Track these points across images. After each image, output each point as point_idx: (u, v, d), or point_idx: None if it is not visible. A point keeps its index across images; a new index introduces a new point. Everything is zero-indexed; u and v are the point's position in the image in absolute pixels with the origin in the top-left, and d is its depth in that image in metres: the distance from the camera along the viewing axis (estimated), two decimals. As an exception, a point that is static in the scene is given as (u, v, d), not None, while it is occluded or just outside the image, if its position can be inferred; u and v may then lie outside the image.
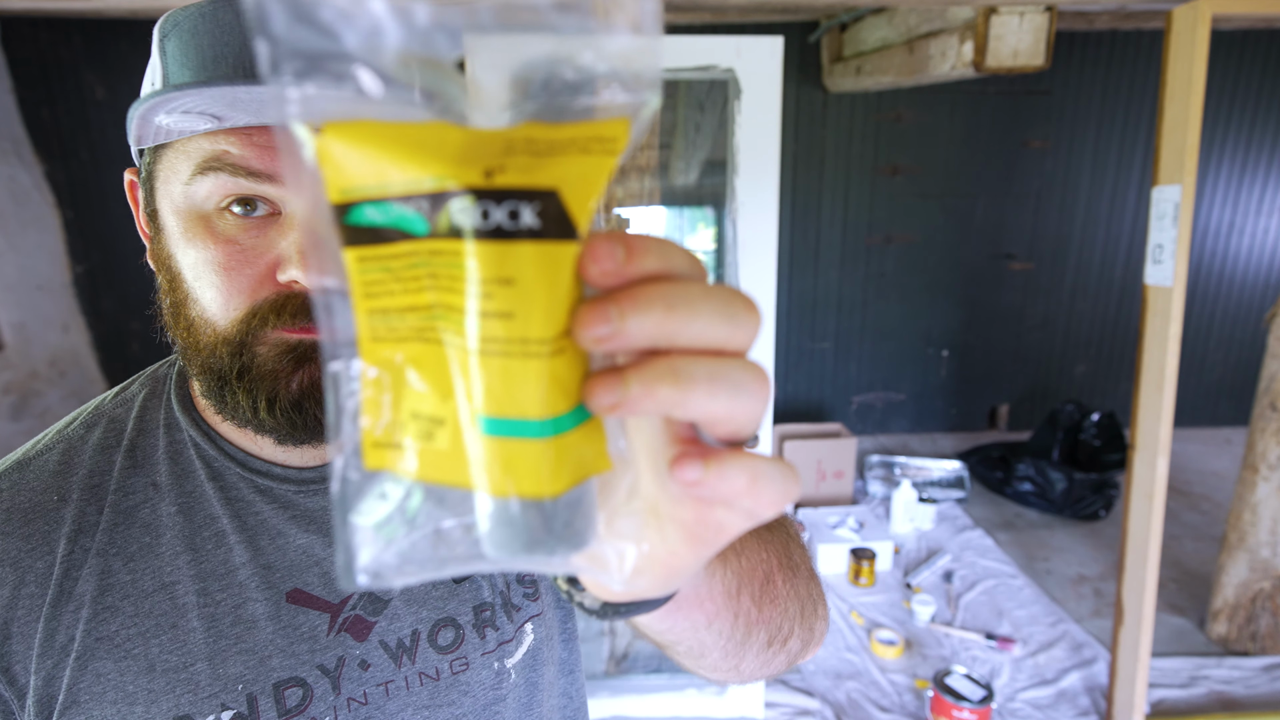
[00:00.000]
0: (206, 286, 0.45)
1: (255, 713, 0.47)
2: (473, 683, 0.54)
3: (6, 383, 3.35)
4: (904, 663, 2.35)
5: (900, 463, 3.65)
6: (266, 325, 0.45)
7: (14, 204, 3.48)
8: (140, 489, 0.50)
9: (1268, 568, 2.35)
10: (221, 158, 0.43)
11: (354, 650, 0.51)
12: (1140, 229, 4.19)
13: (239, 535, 0.50)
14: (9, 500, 0.48)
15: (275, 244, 0.44)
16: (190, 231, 0.45)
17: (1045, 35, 2.44)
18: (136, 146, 0.47)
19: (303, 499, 0.52)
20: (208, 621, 0.48)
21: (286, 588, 0.50)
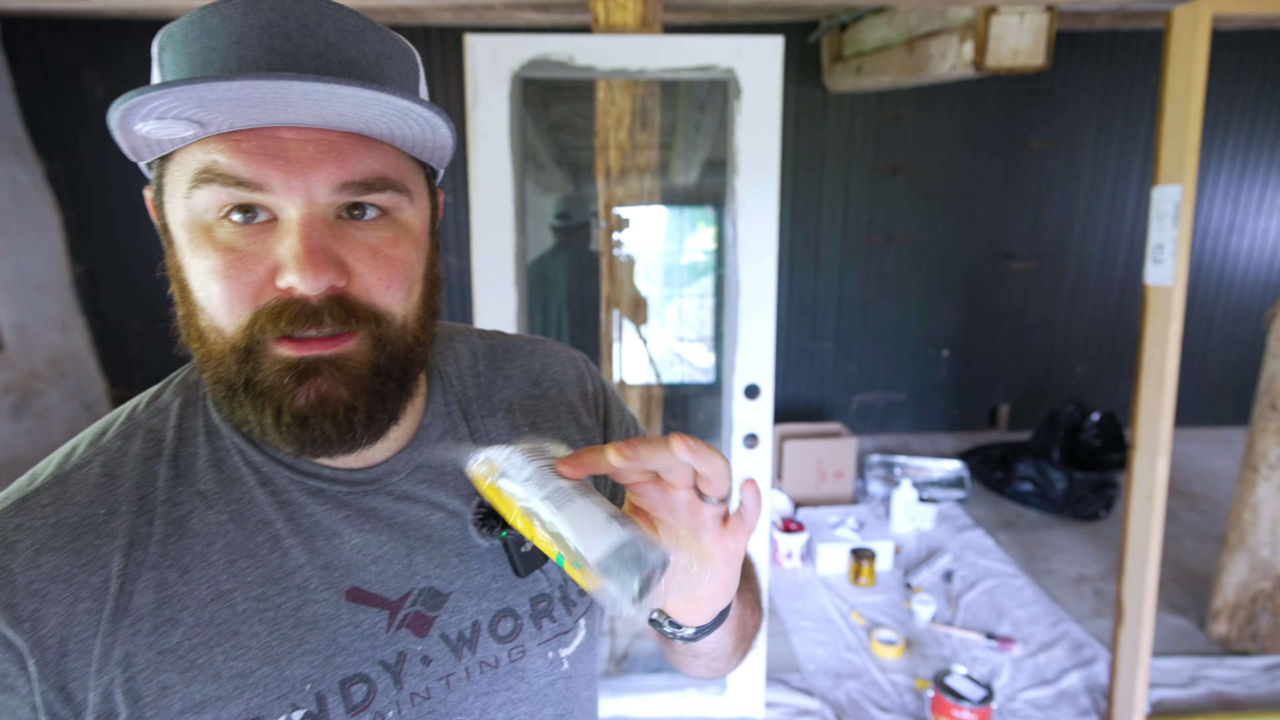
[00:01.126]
0: (212, 295, 0.45)
1: (325, 711, 0.48)
2: (529, 670, 0.56)
3: (6, 383, 3.35)
4: (904, 663, 2.35)
5: (900, 462, 3.65)
6: (267, 333, 0.45)
7: (14, 204, 3.48)
8: (187, 499, 0.49)
9: (1268, 568, 2.35)
10: (211, 168, 0.43)
11: (415, 646, 0.52)
12: (1140, 229, 4.19)
13: (295, 538, 0.50)
14: (54, 515, 0.47)
15: (273, 250, 0.44)
16: (194, 242, 0.45)
17: (1045, 35, 2.44)
18: (135, 160, 0.48)
19: (355, 499, 0.53)
20: (269, 625, 0.48)
21: (345, 586, 0.51)
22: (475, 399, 0.61)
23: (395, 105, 0.42)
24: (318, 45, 0.43)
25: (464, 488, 0.56)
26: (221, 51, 0.42)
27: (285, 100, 0.40)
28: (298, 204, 0.44)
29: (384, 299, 0.47)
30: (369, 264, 0.46)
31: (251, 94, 0.39)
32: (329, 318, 0.45)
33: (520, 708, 0.56)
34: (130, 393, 3.98)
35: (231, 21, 0.42)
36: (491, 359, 0.64)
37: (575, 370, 0.67)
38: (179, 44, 0.44)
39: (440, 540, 0.54)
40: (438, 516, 0.55)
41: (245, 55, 0.42)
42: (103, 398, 3.95)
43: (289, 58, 0.43)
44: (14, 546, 0.45)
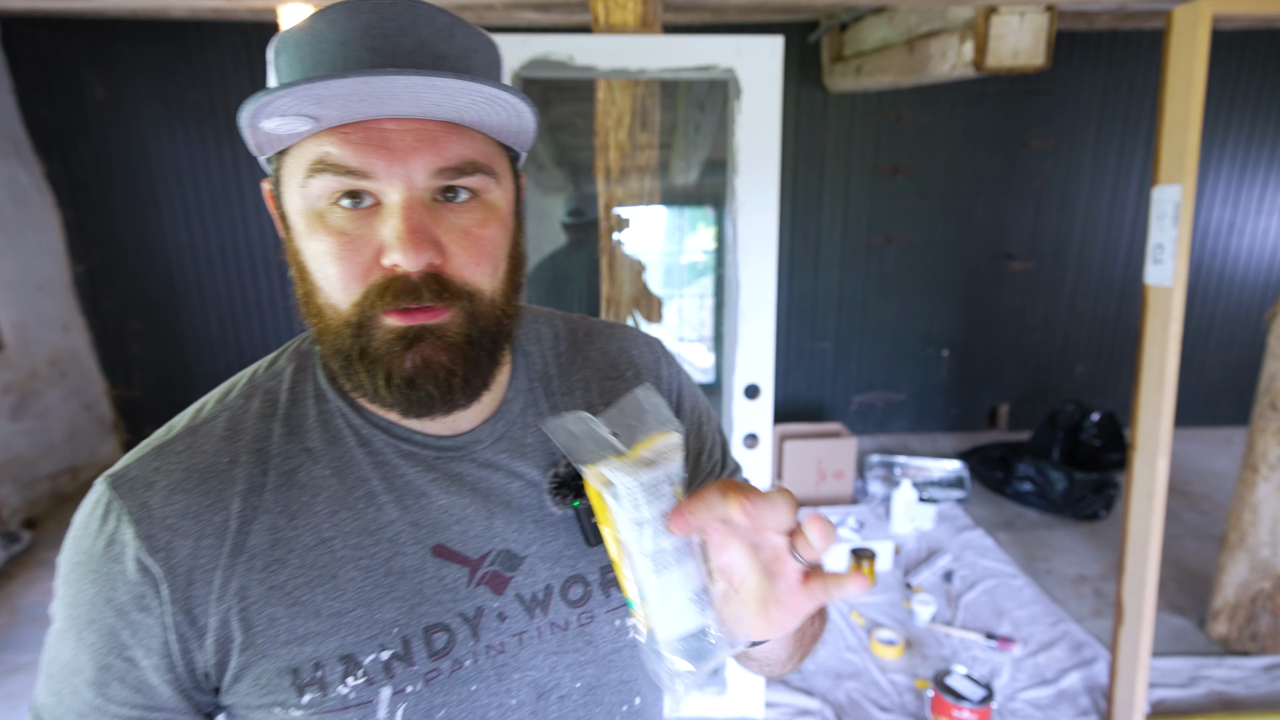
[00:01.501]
0: (328, 275, 0.50)
1: (409, 654, 0.54)
2: (596, 634, 0.60)
3: (6, 383, 3.35)
4: (904, 663, 2.35)
5: (900, 462, 3.65)
6: (376, 306, 0.49)
7: (14, 204, 3.48)
8: (297, 454, 0.55)
9: (1268, 568, 2.35)
10: (325, 159, 0.47)
11: (492, 603, 0.57)
12: (1140, 229, 4.19)
13: (388, 495, 0.55)
14: (186, 461, 0.53)
15: (378, 232, 0.49)
16: (310, 227, 0.49)
17: (1045, 35, 2.44)
18: (259, 155, 0.52)
19: (443, 464, 0.57)
20: (364, 572, 0.53)
21: (431, 543, 0.56)
22: (555, 377, 0.65)
23: (484, 93, 0.45)
24: (412, 42, 0.47)
25: (542, 459, 0.60)
26: (329, 53, 0.47)
27: (388, 93, 0.44)
28: (399, 189, 0.48)
29: (474, 276, 0.51)
30: (461, 244, 0.50)
31: (359, 89, 0.43)
32: (427, 293, 0.49)
33: (586, 670, 0.60)
34: (130, 392, 3.98)
35: (336, 25, 0.47)
36: (573, 340, 0.68)
37: (652, 355, 0.70)
38: (291, 49, 0.48)
39: (518, 507, 0.59)
40: (517, 485, 0.59)
41: (350, 55, 0.46)
42: (102, 398, 3.95)
43: (388, 55, 0.47)
44: (153, 485, 0.51)
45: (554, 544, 0.59)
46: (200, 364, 3.98)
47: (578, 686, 0.60)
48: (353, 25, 0.47)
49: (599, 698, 0.61)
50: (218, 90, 3.63)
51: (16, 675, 2.33)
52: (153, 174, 3.70)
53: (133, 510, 0.51)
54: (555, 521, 0.59)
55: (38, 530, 3.26)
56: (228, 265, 3.86)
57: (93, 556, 0.51)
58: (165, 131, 3.65)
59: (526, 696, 0.58)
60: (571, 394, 0.64)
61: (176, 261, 3.82)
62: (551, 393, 0.64)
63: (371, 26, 0.47)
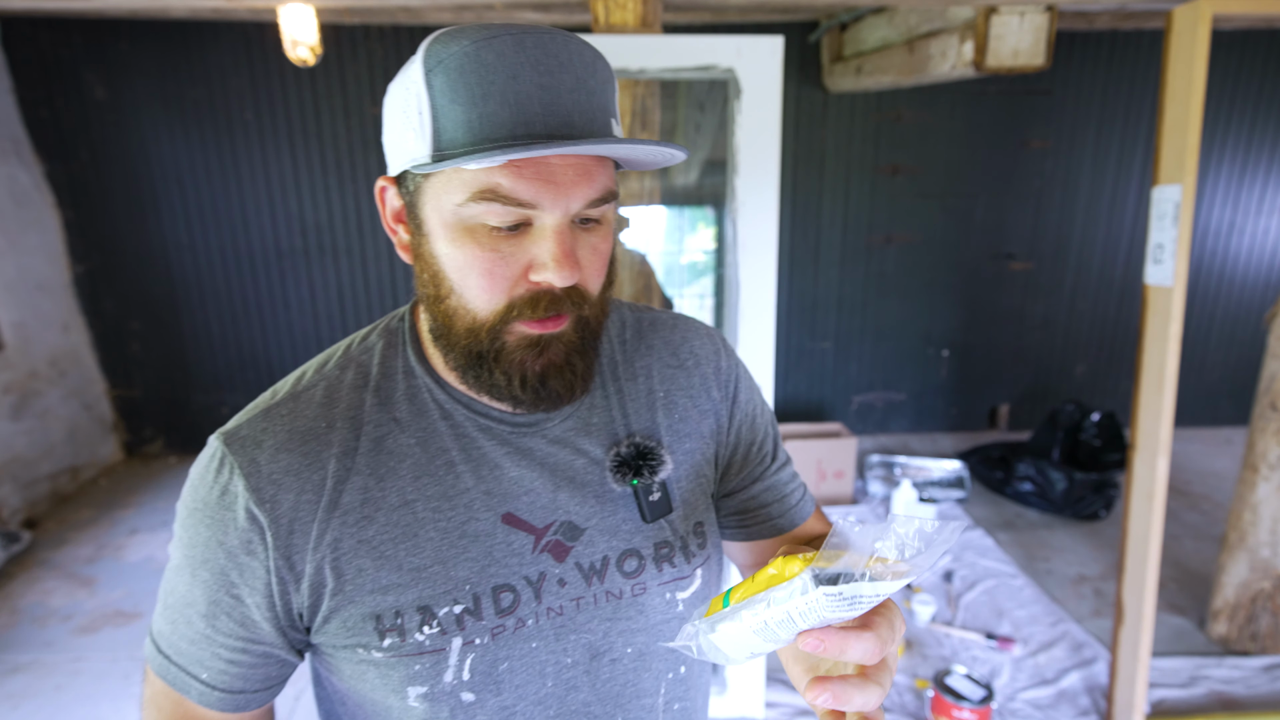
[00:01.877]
0: (470, 284, 0.54)
1: (479, 609, 0.59)
2: (648, 605, 0.64)
3: (6, 383, 3.35)
4: (904, 662, 2.35)
5: (900, 462, 3.65)
6: (518, 317, 0.54)
7: (14, 204, 3.48)
8: (385, 423, 0.60)
9: (1268, 568, 2.35)
10: (496, 190, 0.51)
11: (554, 569, 0.61)
12: (1140, 229, 4.19)
13: (465, 465, 0.61)
14: (289, 424, 0.58)
15: (529, 250, 0.53)
16: (458, 240, 0.53)
17: (1045, 35, 2.44)
18: (411, 169, 0.54)
19: (516, 438, 0.62)
20: (441, 532, 0.59)
21: (502, 510, 0.61)
22: (620, 363, 0.69)
23: (661, 153, 0.52)
24: (572, 79, 0.51)
25: (605, 439, 0.65)
26: (499, 85, 0.50)
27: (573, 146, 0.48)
28: (556, 216, 0.53)
29: (594, 285, 0.58)
30: (591, 261, 0.56)
31: (566, 147, 0.48)
32: (568, 304, 0.55)
33: (637, 638, 0.64)
34: (130, 392, 3.98)
35: (505, 58, 0.50)
36: (638, 329, 0.72)
37: (712, 346, 0.74)
38: (453, 71, 0.50)
39: (582, 482, 0.63)
40: (581, 461, 0.64)
41: (521, 90, 0.50)
42: (102, 398, 3.95)
43: (553, 90, 0.50)
44: (261, 444, 0.57)
45: (613, 518, 0.64)
46: (200, 364, 3.98)
47: (629, 652, 0.64)
48: (520, 59, 0.50)
49: (648, 664, 0.66)
50: (218, 90, 3.63)
51: (17, 675, 2.33)
52: (153, 174, 3.70)
53: (243, 465, 0.56)
54: (615, 497, 0.64)
55: (38, 530, 3.26)
56: (228, 265, 3.86)
57: (208, 504, 0.57)
58: (165, 131, 3.65)
59: (581, 657, 0.63)
60: (635, 379, 0.69)
61: (176, 261, 3.82)
62: (617, 377, 0.68)
63: (538, 62, 0.50)
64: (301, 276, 3.91)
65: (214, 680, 0.59)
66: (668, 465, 0.66)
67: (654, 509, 0.64)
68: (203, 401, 4.05)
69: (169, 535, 3.21)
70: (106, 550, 3.09)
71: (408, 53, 3.68)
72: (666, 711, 0.69)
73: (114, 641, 2.49)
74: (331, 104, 3.71)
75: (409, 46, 3.67)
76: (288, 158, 3.75)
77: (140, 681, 2.29)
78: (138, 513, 3.43)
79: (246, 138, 3.70)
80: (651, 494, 0.64)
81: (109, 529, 3.27)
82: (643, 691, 0.66)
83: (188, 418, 4.06)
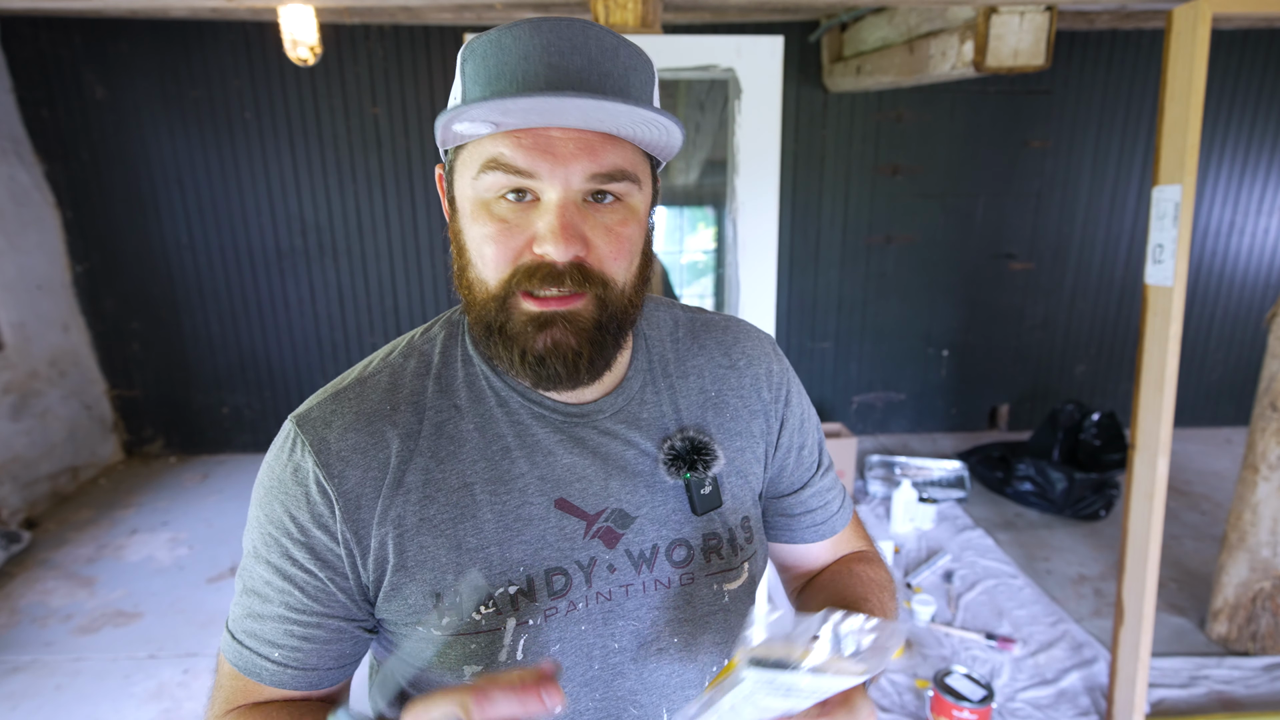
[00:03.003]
0: (484, 255, 0.57)
1: (533, 590, 0.61)
2: (695, 595, 0.66)
3: (6, 382, 3.35)
4: (904, 662, 2.35)
5: (900, 462, 3.65)
6: (520, 286, 0.56)
7: (14, 204, 3.48)
8: (446, 409, 0.63)
9: (1268, 568, 2.35)
10: (498, 159, 0.55)
11: (604, 555, 0.63)
12: (1140, 229, 4.19)
13: (520, 451, 0.63)
14: (357, 406, 0.62)
15: (534, 223, 0.56)
16: (476, 214, 0.57)
17: (1045, 35, 2.44)
18: (442, 148, 0.60)
19: (569, 427, 0.65)
20: (497, 515, 0.61)
21: (555, 496, 0.63)
22: (672, 360, 0.71)
23: (642, 115, 0.52)
24: (583, 60, 0.54)
25: (655, 433, 0.67)
26: (512, 65, 0.54)
27: (561, 109, 0.51)
28: (557, 189, 0.55)
29: (611, 268, 0.58)
30: (604, 239, 0.57)
31: (539, 105, 0.50)
32: (569, 280, 0.56)
33: (684, 627, 0.66)
34: (130, 392, 3.98)
35: (520, 41, 0.54)
36: (691, 329, 0.75)
37: (763, 349, 0.76)
38: (479, 57, 0.56)
39: (633, 472, 0.65)
40: (632, 453, 0.66)
41: (530, 69, 0.53)
42: (102, 398, 3.95)
43: (561, 70, 0.53)
44: (330, 424, 0.61)
45: (663, 509, 0.65)
46: (200, 364, 3.98)
47: (675, 642, 0.66)
48: (534, 42, 0.53)
49: (693, 655, 0.67)
50: (218, 90, 3.63)
51: (17, 675, 2.33)
52: (153, 174, 3.70)
53: (314, 443, 0.60)
54: (665, 488, 0.66)
55: (38, 530, 3.26)
56: (228, 265, 3.86)
57: (282, 481, 0.60)
58: (165, 131, 3.65)
59: (628, 643, 0.64)
60: (686, 378, 0.71)
61: (176, 261, 3.82)
62: (669, 374, 0.71)
63: (550, 45, 0.53)
64: (301, 276, 3.91)
65: (286, 659, 0.60)
66: (720, 460, 0.67)
67: (704, 502, 0.66)
68: (203, 401, 4.05)
69: (169, 535, 3.21)
70: (106, 550, 3.09)
71: (408, 53, 3.68)
72: None
73: (114, 641, 2.49)
74: (331, 104, 3.71)
75: (409, 46, 3.68)
76: (288, 158, 3.75)
77: (140, 681, 2.29)
78: (138, 513, 3.43)
79: (246, 138, 3.70)
80: (703, 488, 0.66)
81: (109, 529, 3.27)
82: (688, 683, 0.67)
83: (188, 418, 4.06)
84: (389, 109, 3.74)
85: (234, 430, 4.10)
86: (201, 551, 3.07)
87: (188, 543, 3.15)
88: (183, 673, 2.33)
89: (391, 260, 3.94)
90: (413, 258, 3.94)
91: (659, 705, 0.66)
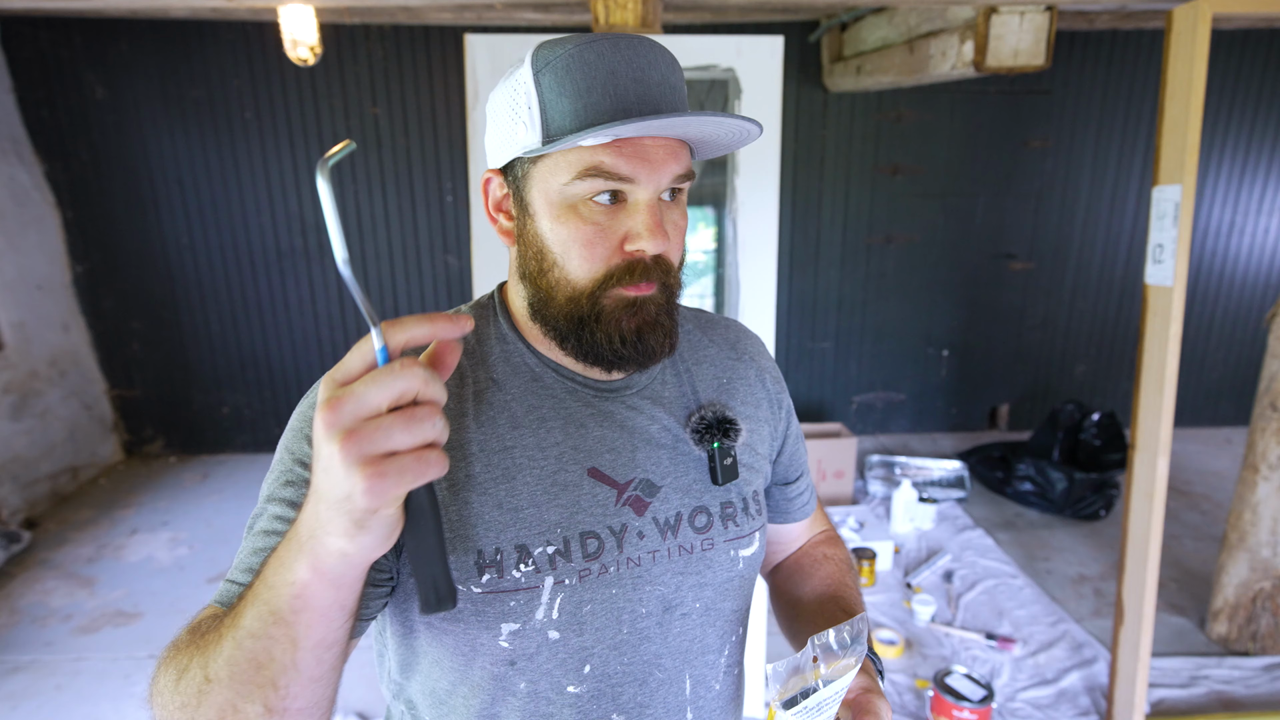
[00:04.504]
0: (573, 256, 0.61)
1: (568, 552, 0.64)
2: (715, 560, 0.70)
3: (6, 382, 3.35)
4: (904, 662, 2.35)
5: (900, 462, 3.65)
6: (615, 284, 0.61)
7: (14, 204, 3.48)
8: (484, 381, 0.67)
9: (1268, 567, 2.35)
10: (599, 167, 0.58)
11: (634, 521, 0.67)
12: (1140, 229, 4.19)
13: (555, 421, 0.66)
14: None
15: (624, 224, 0.61)
16: (562, 217, 0.61)
17: (1045, 35, 2.44)
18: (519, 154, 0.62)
19: (599, 402, 0.69)
20: (535, 479, 0.64)
21: (588, 465, 0.66)
22: (685, 349, 0.77)
23: (734, 124, 0.58)
24: (659, 75, 0.60)
25: (677, 410, 0.72)
26: (601, 80, 0.58)
27: (668, 126, 0.57)
28: (649, 191, 0.60)
29: (675, 257, 0.65)
30: (674, 233, 0.64)
31: (665, 123, 0.56)
32: (657, 270, 0.62)
33: (705, 592, 0.70)
34: (130, 392, 3.98)
35: (604, 58, 0.58)
36: (699, 323, 0.81)
37: (760, 348, 0.83)
38: (560, 71, 0.59)
39: (657, 444, 0.69)
40: (656, 427, 0.70)
41: (620, 85, 0.58)
42: (102, 398, 3.95)
43: (644, 84, 0.59)
44: None
45: (685, 478, 0.70)
46: (200, 364, 3.98)
47: (697, 607, 0.69)
48: (617, 59, 0.58)
49: (713, 621, 0.71)
50: (218, 90, 3.63)
51: (17, 675, 2.33)
52: (153, 174, 3.70)
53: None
54: (688, 460, 0.70)
55: (38, 530, 3.26)
56: (228, 265, 3.86)
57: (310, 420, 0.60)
58: (165, 131, 3.65)
59: (654, 608, 0.67)
60: (700, 364, 0.77)
61: (176, 261, 3.82)
62: (684, 360, 0.76)
63: (630, 61, 0.58)
64: (301, 276, 3.91)
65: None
66: (744, 433, 0.73)
67: (725, 473, 0.70)
68: (203, 401, 4.05)
69: (169, 535, 3.22)
70: (106, 550, 3.09)
71: (408, 53, 3.68)
72: (728, 673, 0.74)
73: (114, 641, 2.49)
74: (331, 104, 3.71)
75: (409, 46, 3.68)
76: (288, 158, 3.75)
77: (140, 681, 2.29)
78: (138, 513, 3.43)
79: (246, 138, 3.70)
80: (726, 458, 0.70)
81: (109, 529, 3.27)
82: (708, 648, 0.71)
83: (188, 418, 4.06)
84: (389, 109, 3.74)
85: (234, 430, 4.10)
86: (201, 551, 3.07)
87: (188, 543, 3.15)
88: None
89: (391, 260, 3.94)
90: (413, 258, 3.94)
91: (681, 670, 0.69)
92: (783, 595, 0.86)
